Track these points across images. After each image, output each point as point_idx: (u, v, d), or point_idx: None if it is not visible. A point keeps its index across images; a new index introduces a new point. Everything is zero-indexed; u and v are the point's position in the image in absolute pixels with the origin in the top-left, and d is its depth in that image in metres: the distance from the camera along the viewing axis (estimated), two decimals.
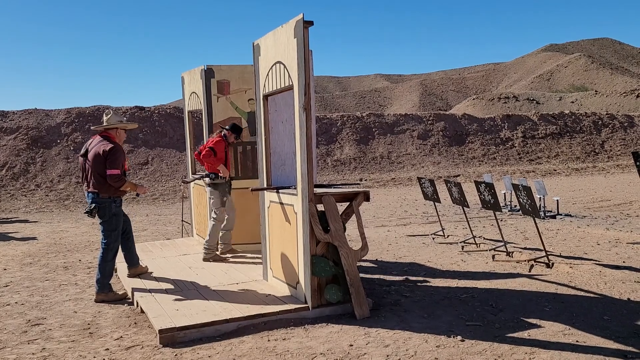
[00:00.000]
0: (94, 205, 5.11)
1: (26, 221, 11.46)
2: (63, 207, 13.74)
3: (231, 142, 6.35)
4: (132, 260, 5.69)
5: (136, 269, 5.70)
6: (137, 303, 4.79)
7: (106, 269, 5.19)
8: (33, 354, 3.85)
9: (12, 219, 11.83)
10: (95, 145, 5.16)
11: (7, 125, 17.53)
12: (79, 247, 7.99)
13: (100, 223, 5.24)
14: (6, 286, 5.79)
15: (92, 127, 5.72)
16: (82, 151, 5.27)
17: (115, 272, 5.96)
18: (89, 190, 5.15)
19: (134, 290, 5.10)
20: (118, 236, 5.34)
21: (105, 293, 5.16)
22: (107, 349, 3.89)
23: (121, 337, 4.13)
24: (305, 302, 4.46)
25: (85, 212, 5.23)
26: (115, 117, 5.31)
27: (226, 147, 6.26)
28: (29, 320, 4.58)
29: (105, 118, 5.31)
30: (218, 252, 6.45)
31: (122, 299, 5.21)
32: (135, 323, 4.44)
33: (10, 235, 9.55)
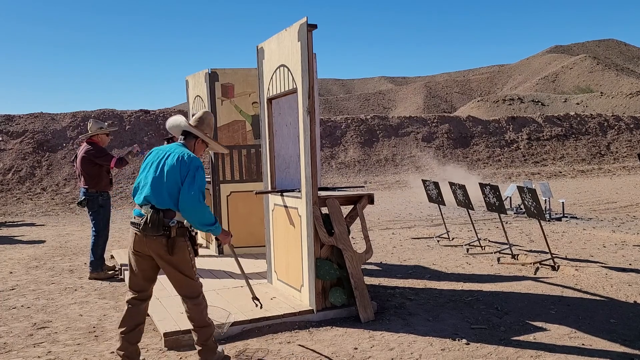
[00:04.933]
0: (84, 197, 6.08)
1: (32, 224, 11.52)
2: (69, 210, 13.81)
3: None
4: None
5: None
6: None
7: (97, 252, 6.14)
8: (39, 357, 3.87)
9: (19, 222, 11.89)
10: (82, 151, 6.15)
11: (13, 129, 17.65)
12: (84, 251, 8.02)
13: (90, 214, 6.15)
14: (12, 289, 5.82)
15: (80, 136, 7.08)
16: (72, 157, 6.48)
17: (112, 257, 7.06)
18: (82, 185, 6.14)
19: None
20: (106, 225, 6.23)
21: (97, 272, 6.17)
22: (113, 352, 3.90)
23: None
24: (310, 305, 4.45)
25: (77, 204, 6.26)
26: (95, 125, 6.22)
27: None
28: (35, 324, 4.60)
29: (88, 127, 6.25)
30: None
31: (112, 277, 6.21)
32: None
33: (16, 238, 9.60)
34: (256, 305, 3.99)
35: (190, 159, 3.35)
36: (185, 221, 3.35)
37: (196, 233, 3.52)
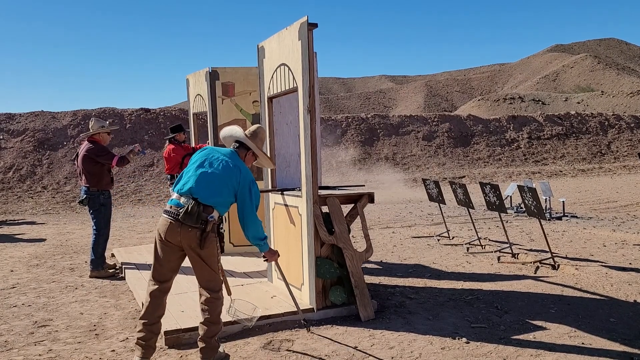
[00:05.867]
0: (85, 196, 6.10)
1: (33, 223, 11.54)
2: (69, 208, 13.82)
3: (184, 140, 7.40)
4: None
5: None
6: (143, 304, 4.81)
7: (98, 250, 6.16)
8: (40, 355, 3.88)
9: (19, 221, 11.91)
10: (83, 149, 6.15)
11: (14, 127, 17.65)
12: (85, 249, 8.03)
13: (91, 212, 6.17)
14: (13, 288, 5.83)
15: (81, 135, 7.12)
16: (73, 156, 6.45)
17: (113, 256, 7.15)
18: (83, 184, 6.15)
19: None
20: (107, 223, 6.25)
21: (98, 271, 6.18)
22: (113, 351, 3.91)
23: (127, 338, 4.15)
24: (310, 304, 4.46)
25: (78, 202, 6.28)
26: (97, 124, 6.23)
27: (183, 147, 7.27)
28: (36, 322, 4.62)
29: (90, 125, 6.27)
30: None
31: (113, 275, 6.21)
32: None
33: (17, 236, 9.61)
34: (308, 330, 4.14)
35: (246, 171, 3.55)
36: (216, 218, 3.46)
37: (224, 230, 3.63)
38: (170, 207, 3.42)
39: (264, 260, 3.88)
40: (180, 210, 3.34)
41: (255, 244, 3.61)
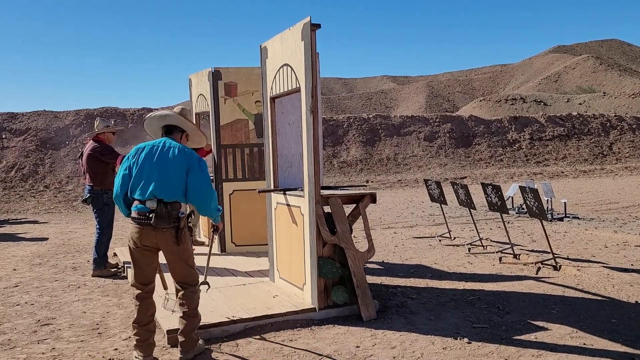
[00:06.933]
0: (89, 195, 6.11)
1: (35, 222, 11.56)
2: (71, 208, 13.84)
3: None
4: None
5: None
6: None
7: (101, 249, 6.19)
8: (43, 353, 3.89)
9: (22, 220, 11.94)
10: (88, 148, 6.19)
11: (16, 126, 17.70)
12: (87, 248, 8.05)
13: (94, 212, 6.20)
14: (16, 286, 5.85)
15: (85, 135, 7.15)
16: (79, 155, 6.50)
17: (115, 255, 7.16)
18: (87, 183, 6.18)
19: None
20: (110, 223, 6.28)
21: (101, 270, 6.21)
22: (116, 349, 3.93)
23: (129, 337, 4.16)
24: (312, 304, 4.47)
25: (82, 201, 6.32)
26: (102, 123, 6.27)
27: None
28: (39, 320, 4.63)
29: (95, 125, 6.34)
30: None
31: (115, 274, 6.23)
32: None
33: (19, 236, 9.64)
34: (200, 285, 3.88)
35: (190, 151, 3.56)
36: (186, 212, 3.48)
37: (193, 225, 3.69)
38: (137, 213, 3.41)
39: (213, 231, 3.82)
40: (150, 215, 3.35)
41: (214, 215, 3.59)
